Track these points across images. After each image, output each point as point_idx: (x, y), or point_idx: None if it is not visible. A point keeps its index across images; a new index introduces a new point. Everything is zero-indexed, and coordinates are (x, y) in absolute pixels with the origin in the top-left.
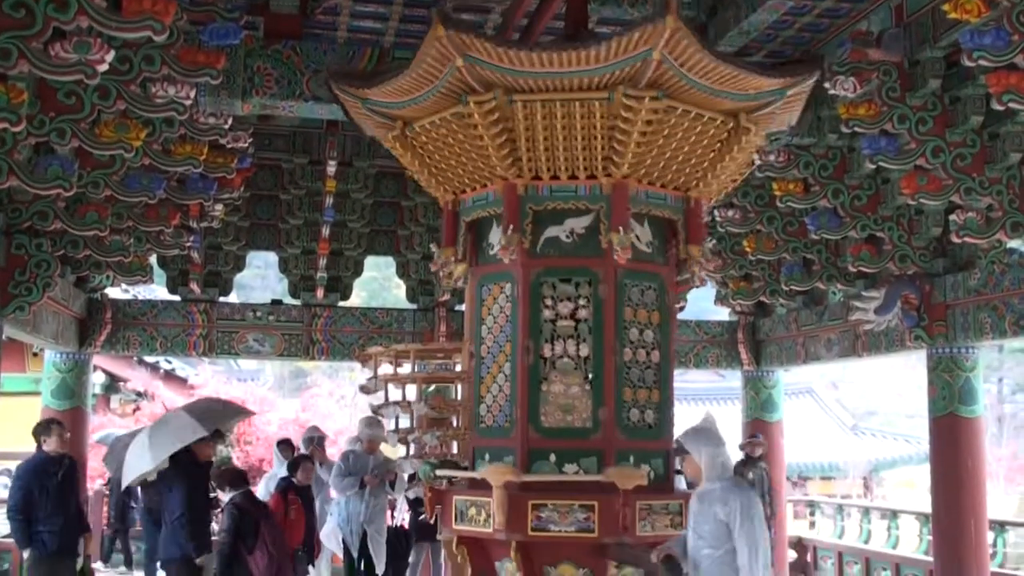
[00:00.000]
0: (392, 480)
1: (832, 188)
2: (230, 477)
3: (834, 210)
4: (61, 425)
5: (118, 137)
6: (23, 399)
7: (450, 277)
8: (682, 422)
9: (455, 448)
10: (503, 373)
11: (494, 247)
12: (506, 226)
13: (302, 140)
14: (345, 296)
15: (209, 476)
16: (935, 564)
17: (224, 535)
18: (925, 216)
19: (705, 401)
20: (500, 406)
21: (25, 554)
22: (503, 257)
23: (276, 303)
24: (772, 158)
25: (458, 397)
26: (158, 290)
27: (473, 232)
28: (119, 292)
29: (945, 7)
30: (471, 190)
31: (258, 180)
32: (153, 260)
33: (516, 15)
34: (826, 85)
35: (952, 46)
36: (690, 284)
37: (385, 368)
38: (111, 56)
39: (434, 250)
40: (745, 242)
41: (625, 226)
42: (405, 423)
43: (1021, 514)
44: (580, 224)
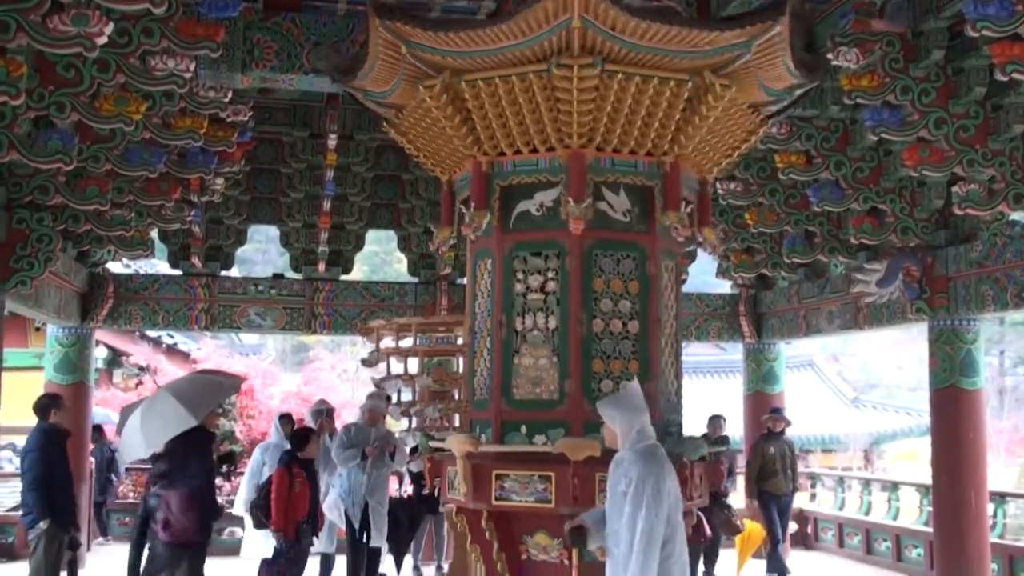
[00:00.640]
0: (392, 452)
1: (834, 160)
2: None
3: (836, 182)
4: (63, 400)
5: (118, 111)
6: (26, 374)
7: (449, 253)
8: (685, 395)
9: (457, 420)
10: (487, 347)
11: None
12: (471, 203)
13: (302, 113)
14: (347, 270)
15: (212, 447)
16: (935, 535)
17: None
18: (927, 188)
19: (706, 374)
20: (485, 379)
21: (41, 524)
22: (468, 234)
23: (278, 277)
24: (774, 130)
25: (459, 370)
26: (159, 264)
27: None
28: (120, 267)
29: None
30: (459, 169)
31: (259, 154)
32: (154, 234)
33: None
34: (828, 56)
35: (956, 17)
36: (681, 251)
37: (387, 341)
38: (110, 28)
39: (433, 229)
40: (747, 215)
41: (580, 197)
42: (407, 396)
43: (1021, 486)
44: (548, 197)
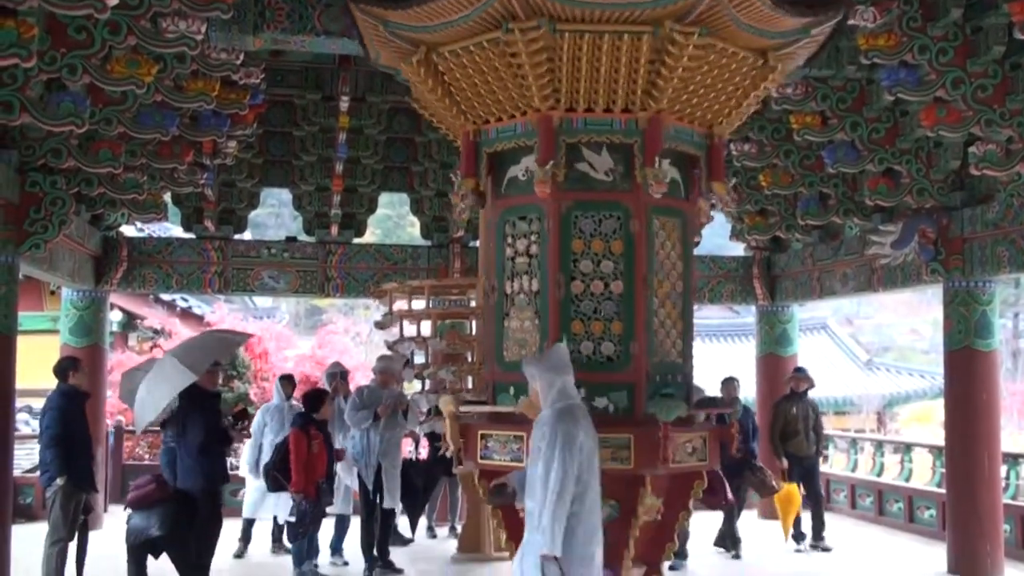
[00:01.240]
0: (404, 410)
1: (850, 121)
2: None
3: (852, 143)
4: (81, 362)
5: (130, 73)
6: (41, 337)
7: (468, 210)
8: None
9: (470, 383)
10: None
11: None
12: (543, 159)
13: (314, 76)
14: (359, 233)
15: (219, 406)
16: (948, 496)
17: None
18: (944, 149)
19: (719, 338)
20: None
21: (59, 481)
22: (456, 203)
23: (291, 240)
24: (790, 91)
25: (473, 332)
26: (172, 228)
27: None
28: (134, 230)
29: None
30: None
31: (271, 117)
32: (167, 198)
33: None
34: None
35: None
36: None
37: (400, 304)
38: None
39: (453, 179)
40: (761, 176)
41: (545, 159)
42: (420, 359)
43: None
44: (531, 161)
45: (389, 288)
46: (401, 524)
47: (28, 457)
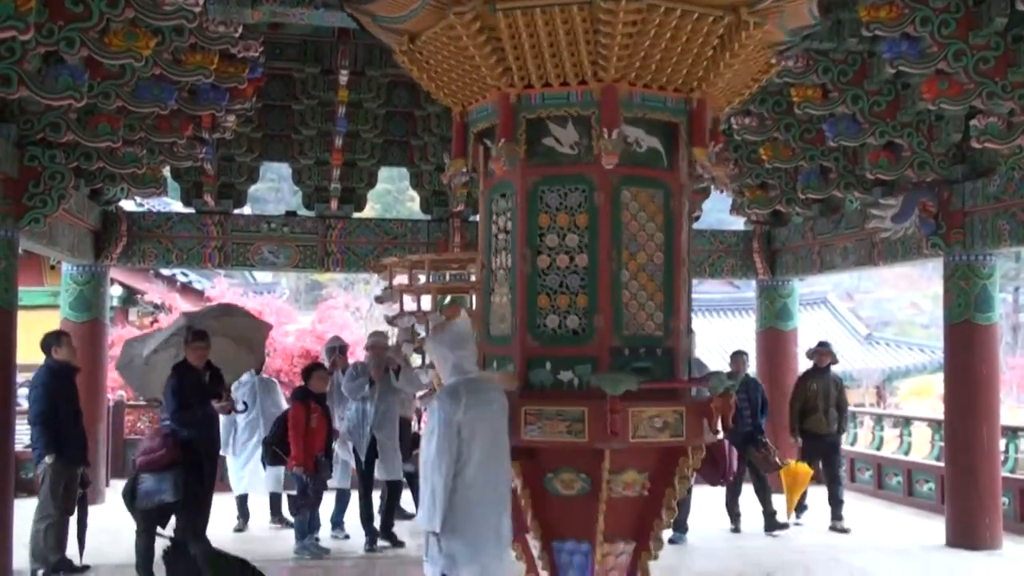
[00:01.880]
0: (396, 369)
1: (851, 94)
2: None
3: (853, 116)
4: (69, 336)
5: (127, 46)
6: (42, 312)
7: (463, 188)
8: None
9: None
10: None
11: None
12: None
13: (313, 49)
14: (359, 207)
15: (203, 381)
16: (946, 469)
17: None
18: (945, 122)
19: (720, 312)
20: None
21: (47, 459)
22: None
23: (290, 215)
24: (790, 63)
25: (473, 307)
26: (172, 203)
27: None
28: (133, 205)
29: None
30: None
31: (270, 90)
32: (167, 172)
33: None
34: None
35: None
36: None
37: (400, 279)
38: None
39: (446, 161)
40: (761, 150)
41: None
42: (421, 333)
43: None
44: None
45: (389, 262)
46: (404, 499)
47: (29, 432)
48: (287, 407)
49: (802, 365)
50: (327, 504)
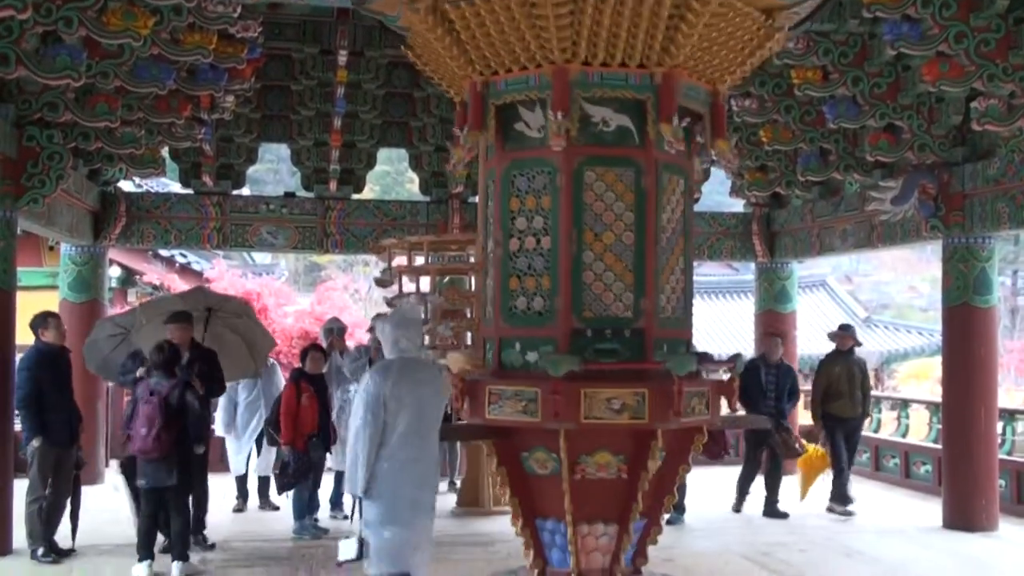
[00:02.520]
0: None
1: (852, 76)
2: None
3: (853, 98)
4: (58, 318)
5: (126, 25)
6: (41, 293)
7: (463, 170)
8: (696, 316)
9: (469, 338)
10: None
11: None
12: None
13: (312, 29)
14: (358, 189)
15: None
16: (944, 451)
17: None
18: (945, 104)
19: (718, 295)
20: None
21: (35, 443)
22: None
23: (289, 196)
24: (791, 45)
25: (472, 288)
26: (171, 184)
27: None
28: (131, 186)
29: None
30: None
31: (268, 71)
32: (165, 153)
33: None
34: None
35: None
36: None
37: (399, 260)
38: None
39: (458, 133)
40: (761, 132)
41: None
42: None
43: None
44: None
45: (388, 244)
46: None
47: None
48: None
49: (800, 347)
50: (326, 485)
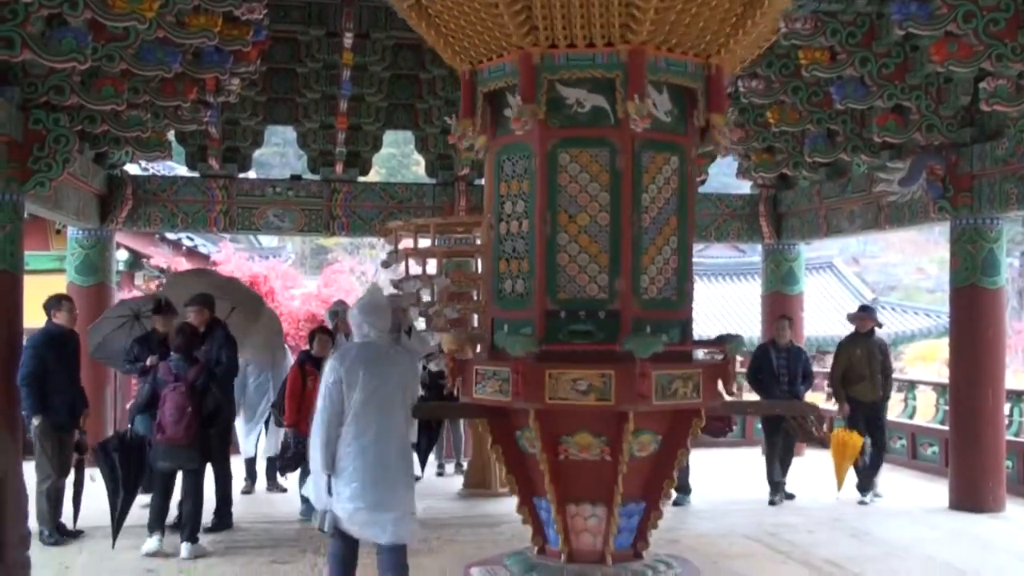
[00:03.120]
0: (408, 330)
1: (859, 56)
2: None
3: (861, 79)
4: (71, 301)
5: (131, 8)
6: (48, 277)
7: (470, 150)
8: (703, 298)
9: (475, 321)
10: None
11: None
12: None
13: (318, 11)
14: (364, 171)
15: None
16: (951, 432)
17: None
18: (954, 84)
19: (725, 277)
20: None
21: (35, 420)
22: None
23: (295, 178)
24: (798, 25)
25: (478, 270)
26: (177, 167)
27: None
28: (138, 169)
29: None
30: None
31: (274, 53)
32: (171, 136)
33: None
34: None
35: None
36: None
37: (405, 243)
38: None
39: (450, 122)
40: (768, 113)
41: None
42: (426, 297)
43: None
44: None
45: (394, 226)
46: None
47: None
48: None
49: (807, 329)
50: None
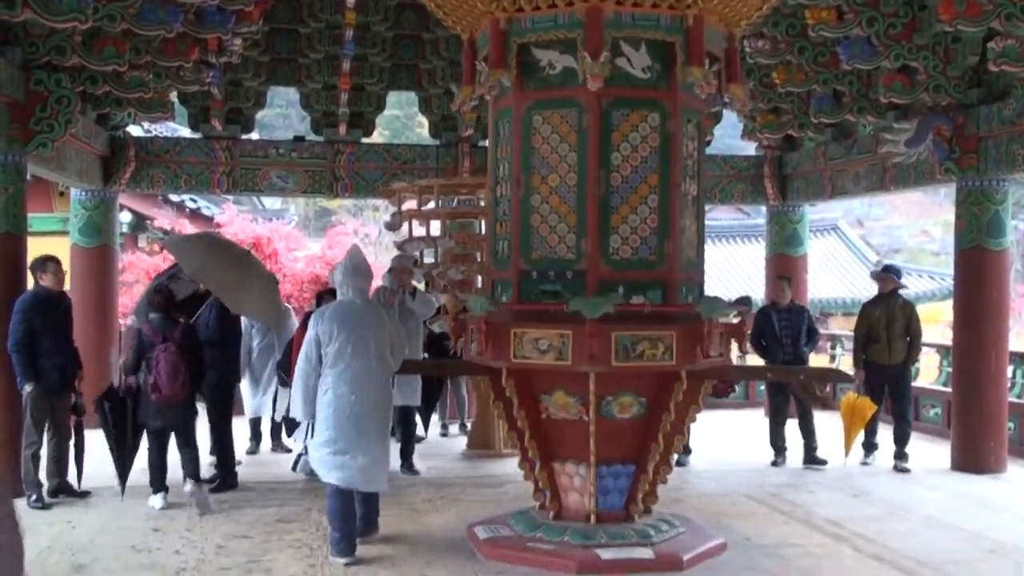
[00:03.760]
0: (412, 292)
1: (867, 16)
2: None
3: (868, 39)
4: (58, 263)
5: None
6: (51, 239)
7: (471, 115)
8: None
9: (479, 282)
10: None
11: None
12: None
13: None
14: (368, 132)
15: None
16: (953, 393)
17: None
18: (962, 44)
19: (730, 239)
20: None
21: (27, 388)
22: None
23: (298, 140)
24: None
25: (482, 232)
26: (180, 129)
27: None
28: (140, 131)
29: None
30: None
31: (276, 13)
32: (174, 97)
33: None
34: None
35: None
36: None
37: (409, 204)
38: None
39: (455, 89)
40: (774, 74)
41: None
42: (430, 258)
43: None
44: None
45: (398, 188)
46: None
47: None
48: None
49: (812, 291)
50: None
